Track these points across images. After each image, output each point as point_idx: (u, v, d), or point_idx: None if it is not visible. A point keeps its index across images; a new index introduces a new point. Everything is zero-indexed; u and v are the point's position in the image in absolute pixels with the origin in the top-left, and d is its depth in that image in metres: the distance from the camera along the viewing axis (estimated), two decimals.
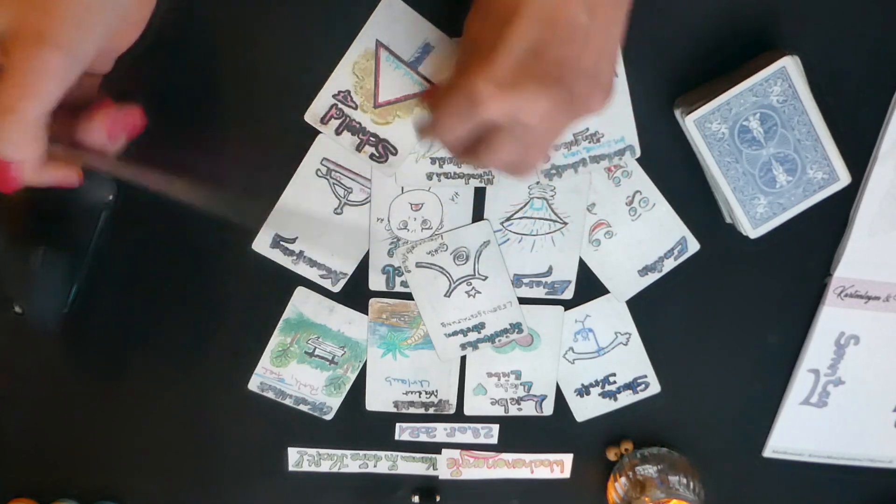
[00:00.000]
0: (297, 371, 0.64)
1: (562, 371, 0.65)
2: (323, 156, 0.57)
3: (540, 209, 0.59)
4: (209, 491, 0.68)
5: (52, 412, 0.65)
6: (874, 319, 0.62)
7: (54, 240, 0.57)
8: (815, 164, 0.55)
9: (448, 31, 0.54)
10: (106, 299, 0.61)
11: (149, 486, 0.68)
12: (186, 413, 0.65)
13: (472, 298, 0.62)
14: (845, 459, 0.68)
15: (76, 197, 0.57)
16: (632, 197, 0.59)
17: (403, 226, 0.59)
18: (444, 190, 0.59)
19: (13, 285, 0.57)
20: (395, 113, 0.56)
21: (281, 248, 0.60)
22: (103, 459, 0.67)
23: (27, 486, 0.67)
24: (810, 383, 0.65)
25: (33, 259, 0.56)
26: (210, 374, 0.64)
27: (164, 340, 0.63)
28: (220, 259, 0.60)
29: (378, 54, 0.55)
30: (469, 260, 0.61)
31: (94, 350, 0.63)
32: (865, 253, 0.60)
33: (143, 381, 0.64)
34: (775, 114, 0.54)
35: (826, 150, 0.55)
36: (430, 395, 0.65)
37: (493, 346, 0.64)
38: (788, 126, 0.54)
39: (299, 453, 0.67)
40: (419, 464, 0.68)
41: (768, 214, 0.56)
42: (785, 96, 0.53)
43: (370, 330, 0.63)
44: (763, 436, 0.67)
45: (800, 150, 0.55)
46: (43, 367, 0.63)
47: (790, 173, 0.55)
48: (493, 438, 0.67)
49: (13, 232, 0.57)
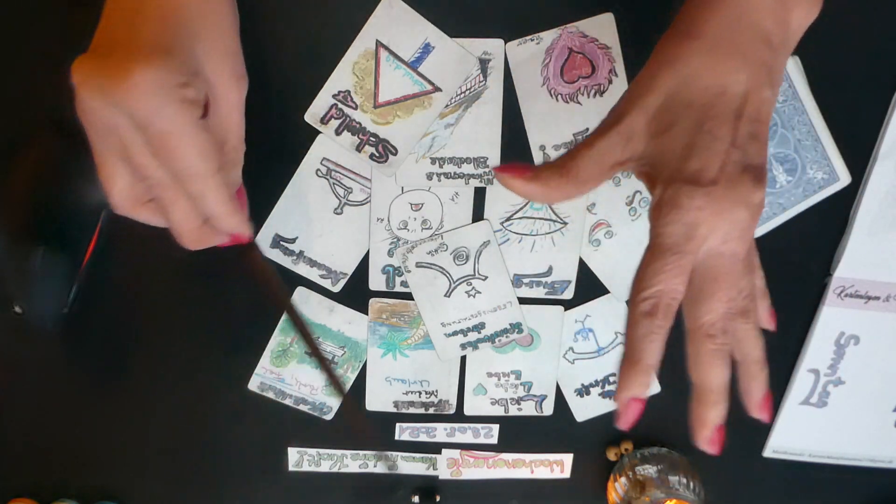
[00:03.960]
0: (297, 371, 0.64)
1: (562, 371, 0.65)
2: (323, 156, 0.57)
3: (540, 209, 0.59)
4: (209, 491, 0.68)
5: (52, 412, 0.65)
6: (874, 319, 0.62)
7: (54, 240, 0.57)
8: (815, 164, 0.55)
9: (448, 31, 0.54)
10: (106, 299, 0.61)
11: (149, 486, 0.68)
12: (186, 413, 0.65)
13: (472, 298, 0.62)
14: (845, 459, 0.68)
15: (76, 197, 0.57)
16: (632, 197, 0.59)
17: (403, 226, 0.59)
18: (444, 190, 0.59)
19: (13, 285, 0.57)
20: (395, 113, 0.56)
21: (281, 248, 0.60)
22: (103, 459, 0.67)
23: (27, 486, 0.67)
24: (810, 383, 0.65)
25: (33, 259, 0.56)
26: (210, 374, 0.64)
27: (163, 340, 0.63)
28: (220, 259, 0.60)
29: (378, 54, 0.55)
30: (469, 260, 0.61)
31: (94, 350, 0.63)
32: (865, 253, 0.60)
33: (142, 381, 0.64)
34: (775, 114, 0.54)
35: (826, 150, 0.55)
36: (430, 395, 0.65)
37: (493, 346, 0.64)
38: (788, 126, 0.54)
39: (299, 453, 0.67)
40: (419, 464, 0.68)
41: (768, 214, 0.56)
42: (785, 96, 0.53)
43: (370, 330, 0.63)
44: (763, 436, 0.67)
45: (800, 150, 0.55)
46: (43, 367, 0.63)
47: (790, 173, 0.55)
48: (493, 438, 0.67)
49: (13, 232, 0.57)
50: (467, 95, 0.56)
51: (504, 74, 0.56)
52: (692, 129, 0.40)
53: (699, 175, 0.40)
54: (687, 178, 0.40)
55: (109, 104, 0.41)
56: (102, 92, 0.41)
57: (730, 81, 0.40)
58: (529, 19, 0.54)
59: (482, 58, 0.55)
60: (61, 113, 0.56)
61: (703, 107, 0.40)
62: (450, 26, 0.54)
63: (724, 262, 0.40)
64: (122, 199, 0.45)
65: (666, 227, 0.40)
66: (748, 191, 0.40)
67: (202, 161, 0.43)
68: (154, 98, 0.41)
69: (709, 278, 0.40)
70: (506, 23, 0.55)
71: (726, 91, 0.40)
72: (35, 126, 0.57)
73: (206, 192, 0.44)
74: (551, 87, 0.56)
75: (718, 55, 0.41)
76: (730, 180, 0.39)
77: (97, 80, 0.41)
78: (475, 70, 0.55)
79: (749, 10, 0.41)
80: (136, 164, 0.43)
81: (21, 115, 0.56)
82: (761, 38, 0.41)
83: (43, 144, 0.57)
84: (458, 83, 0.56)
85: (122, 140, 0.42)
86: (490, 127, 0.57)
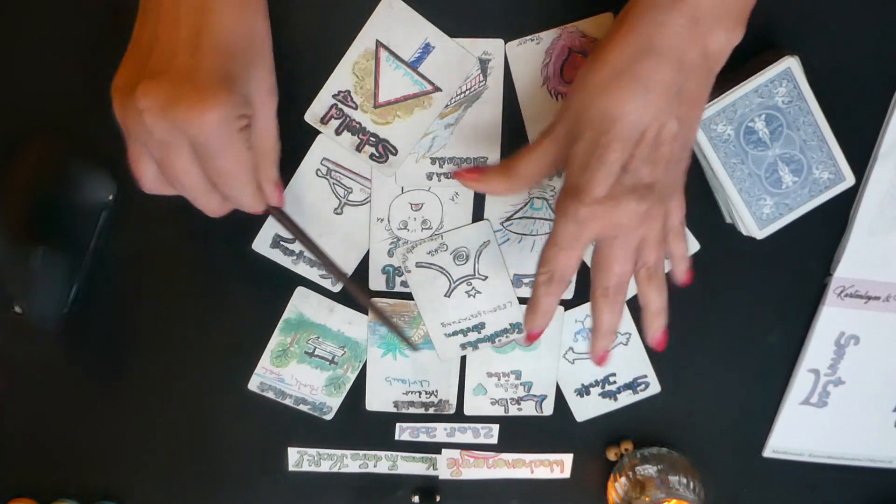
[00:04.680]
0: (297, 371, 0.64)
1: (562, 371, 0.65)
2: (323, 156, 0.57)
3: (540, 209, 0.59)
4: (209, 491, 0.68)
5: (52, 412, 0.65)
6: (874, 319, 0.62)
7: (54, 240, 0.57)
8: (821, 165, 0.55)
9: (448, 31, 0.54)
10: (106, 299, 0.61)
11: (149, 486, 0.68)
12: (186, 413, 0.65)
13: (472, 298, 0.62)
14: (845, 459, 0.68)
15: (76, 197, 0.57)
16: None
17: (403, 226, 0.59)
18: (444, 190, 0.59)
19: (13, 285, 0.57)
20: (395, 113, 0.56)
21: (281, 248, 0.60)
22: (103, 459, 0.67)
23: (27, 486, 0.67)
24: (810, 383, 0.65)
25: (33, 259, 0.56)
26: (210, 374, 0.64)
27: (163, 340, 0.63)
28: (220, 259, 0.60)
29: (378, 54, 0.55)
30: (469, 260, 0.61)
31: (94, 350, 0.63)
32: (865, 253, 0.60)
33: (142, 381, 0.64)
34: (781, 115, 0.54)
35: (832, 151, 0.55)
36: (430, 395, 0.65)
37: (493, 346, 0.64)
38: (794, 127, 0.54)
39: (299, 453, 0.67)
40: (419, 464, 0.68)
41: (775, 215, 0.56)
42: (790, 97, 0.53)
43: (370, 330, 0.63)
44: (763, 436, 0.67)
45: (805, 151, 0.55)
46: (43, 367, 0.63)
47: (796, 174, 0.55)
48: (493, 438, 0.67)
49: (13, 232, 0.57)
50: (467, 95, 0.56)
51: (504, 74, 0.56)
52: (589, 148, 0.46)
53: (586, 191, 0.46)
54: (577, 191, 0.47)
55: (172, 128, 0.44)
56: (170, 120, 0.44)
57: (626, 110, 0.45)
58: (529, 19, 0.54)
59: (482, 58, 0.55)
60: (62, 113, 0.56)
61: (598, 132, 0.46)
62: (450, 26, 0.54)
63: (615, 247, 0.49)
64: (151, 184, 0.49)
65: (558, 226, 0.48)
66: (632, 207, 0.46)
67: (240, 171, 0.47)
68: (220, 133, 0.45)
69: (605, 256, 0.49)
70: (506, 23, 0.55)
71: (621, 118, 0.45)
72: (35, 126, 0.57)
73: (237, 194, 0.49)
74: (551, 87, 0.56)
75: (619, 83, 0.45)
76: (614, 199, 0.46)
77: (169, 109, 0.44)
78: (475, 70, 0.55)
79: (659, 37, 0.44)
80: (175, 172, 0.47)
81: (21, 115, 0.56)
82: (671, 62, 0.44)
83: (43, 144, 0.57)
84: (458, 83, 0.56)
85: (169, 151, 0.45)
86: (490, 127, 0.57)
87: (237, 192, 0.49)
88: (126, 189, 0.58)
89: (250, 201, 0.50)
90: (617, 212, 0.47)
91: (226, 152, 0.46)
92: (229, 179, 0.47)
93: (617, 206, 0.46)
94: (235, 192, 0.48)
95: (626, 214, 0.47)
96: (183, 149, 0.45)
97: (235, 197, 0.49)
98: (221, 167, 0.47)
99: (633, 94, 0.45)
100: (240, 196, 0.49)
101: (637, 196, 0.46)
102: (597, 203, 0.46)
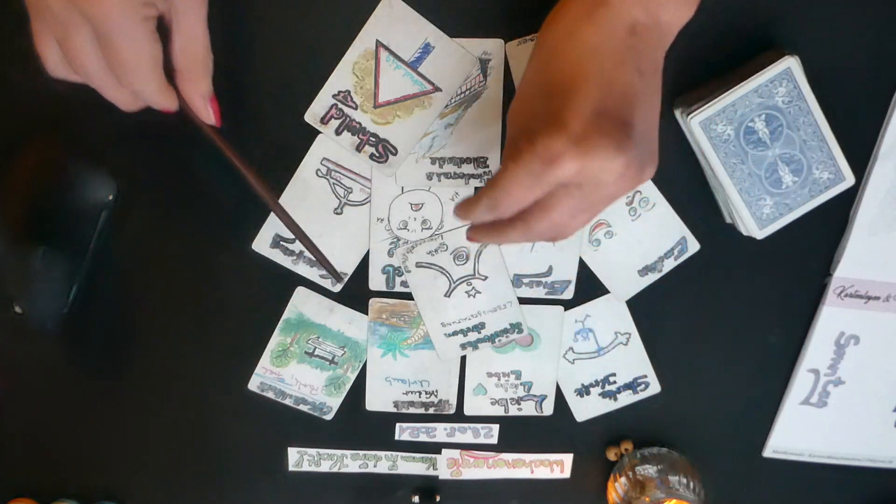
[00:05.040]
0: (297, 371, 0.64)
1: (562, 371, 0.65)
2: (323, 156, 0.57)
3: None
4: (209, 491, 0.68)
5: (52, 412, 0.65)
6: (874, 319, 0.62)
7: (54, 240, 0.57)
8: (821, 165, 0.55)
9: (448, 31, 0.54)
10: (106, 299, 0.61)
11: (149, 486, 0.68)
12: (186, 413, 0.65)
13: (472, 298, 0.62)
14: (845, 459, 0.68)
15: (76, 197, 0.57)
16: (632, 197, 0.59)
17: (403, 226, 0.59)
18: (444, 190, 0.59)
19: (13, 285, 0.57)
20: (395, 113, 0.56)
21: (281, 248, 0.60)
22: (103, 459, 0.67)
23: (27, 486, 0.67)
24: (810, 383, 0.65)
25: (33, 259, 0.56)
26: (210, 374, 0.64)
27: (163, 340, 0.63)
28: (220, 259, 0.60)
29: (378, 54, 0.55)
30: (469, 260, 0.61)
31: (94, 350, 0.63)
32: (865, 253, 0.60)
33: (142, 381, 0.64)
34: (781, 115, 0.54)
35: (832, 151, 0.55)
36: (430, 395, 0.65)
37: (493, 346, 0.64)
38: (794, 127, 0.54)
39: (299, 453, 0.67)
40: (419, 464, 0.68)
41: (775, 215, 0.56)
42: (790, 97, 0.53)
43: (370, 330, 0.63)
44: (763, 436, 0.67)
45: (805, 151, 0.55)
46: (43, 367, 0.63)
47: (796, 174, 0.55)
48: (493, 438, 0.67)
49: (13, 232, 0.57)
50: (467, 95, 0.56)
51: (504, 74, 0.56)
52: (556, 102, 0.43)
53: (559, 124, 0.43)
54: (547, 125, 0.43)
55: (70, 6, 0.43)
56: None
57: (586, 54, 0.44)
58: (529, 19, 0.54)
59: (482, 58, 0.55)
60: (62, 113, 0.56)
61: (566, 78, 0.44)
62: (450, 26, 0.54)
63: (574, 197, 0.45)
64: (55, 67, 0.48)
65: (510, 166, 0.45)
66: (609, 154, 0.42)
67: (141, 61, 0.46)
68: (120, 17, 0.44)
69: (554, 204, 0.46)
70: (506, 23, 0.55)
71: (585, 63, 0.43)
72: (35, 126, 0.57)
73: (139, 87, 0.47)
74: None
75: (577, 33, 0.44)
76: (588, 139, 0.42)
77: None
78: (475, 70, 0.55)
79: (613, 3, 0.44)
80: (75, 54, 0.46)
81: (21, 115, 0.56)
82: (623, 20, 0.44)
83: (43, 144, 0.57)
84: (458, 83, 0.56)
85: (67, 31, 0.45)
86: (490, 127, 0.57)
87: (139, 86, 0.47)
88: (126, 189, 0.58)
89: (155, 97, 0.48)
90: (592, 156, 0.42)
91: (125, 39, 0.44)
92: (129, 70, 0.46)
93: (593, 148, 0.42)
94: (137, 85, 0.47)
95: (601, 161, 0.42)
96: (82, 29, 0.44)
97: (139, 91, 0.47)
98: (120, 55, 0.45)
99: (592, 43, 0.44)
100: (143, 90, 0.47)
101: (615, 142, 0.42)
102: (575, 141, 0.42)
